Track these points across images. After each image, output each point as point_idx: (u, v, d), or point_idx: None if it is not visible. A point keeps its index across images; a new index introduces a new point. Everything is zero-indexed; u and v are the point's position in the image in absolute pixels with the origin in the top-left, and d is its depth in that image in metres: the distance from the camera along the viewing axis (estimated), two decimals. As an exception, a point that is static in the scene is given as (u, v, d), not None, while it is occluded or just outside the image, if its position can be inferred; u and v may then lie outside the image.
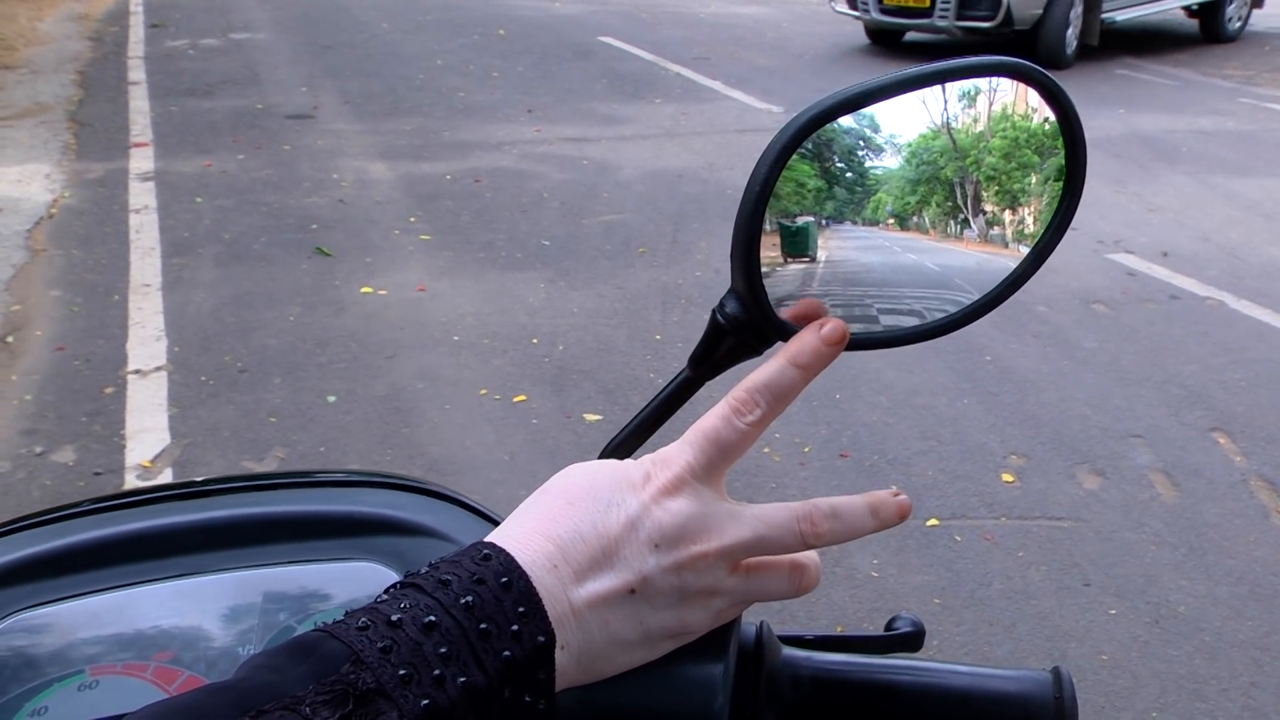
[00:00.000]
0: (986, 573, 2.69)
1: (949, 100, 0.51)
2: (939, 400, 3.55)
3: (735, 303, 0.52)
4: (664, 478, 0.47)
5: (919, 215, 0.54)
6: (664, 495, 0.46)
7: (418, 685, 0.38)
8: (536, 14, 11.37)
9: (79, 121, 6.76)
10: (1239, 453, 3.28)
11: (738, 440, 0.48)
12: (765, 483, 3.04)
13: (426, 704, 0.38)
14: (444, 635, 0.40)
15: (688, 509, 0.46)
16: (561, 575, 0.44)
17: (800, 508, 0.48)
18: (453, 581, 0.41)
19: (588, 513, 0.46)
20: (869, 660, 0.55)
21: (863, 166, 0.52)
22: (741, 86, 8.28)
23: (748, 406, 0.48)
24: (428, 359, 3.75)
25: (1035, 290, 4.48)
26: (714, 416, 0.48)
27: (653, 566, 0.45)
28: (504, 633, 0.41)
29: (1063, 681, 0.53)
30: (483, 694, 0.40)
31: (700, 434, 0.48)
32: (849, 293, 0.52)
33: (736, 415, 0.48)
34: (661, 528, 0.46)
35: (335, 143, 6.41)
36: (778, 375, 0.49)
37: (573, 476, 0.48)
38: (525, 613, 0.42)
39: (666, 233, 5.07)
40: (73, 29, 9.97)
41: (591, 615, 0.44)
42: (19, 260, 4.53)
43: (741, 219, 0.49)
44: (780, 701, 0.53)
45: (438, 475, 2.99)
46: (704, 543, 0.46)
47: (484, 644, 0.40)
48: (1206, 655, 2.43)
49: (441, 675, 0.39)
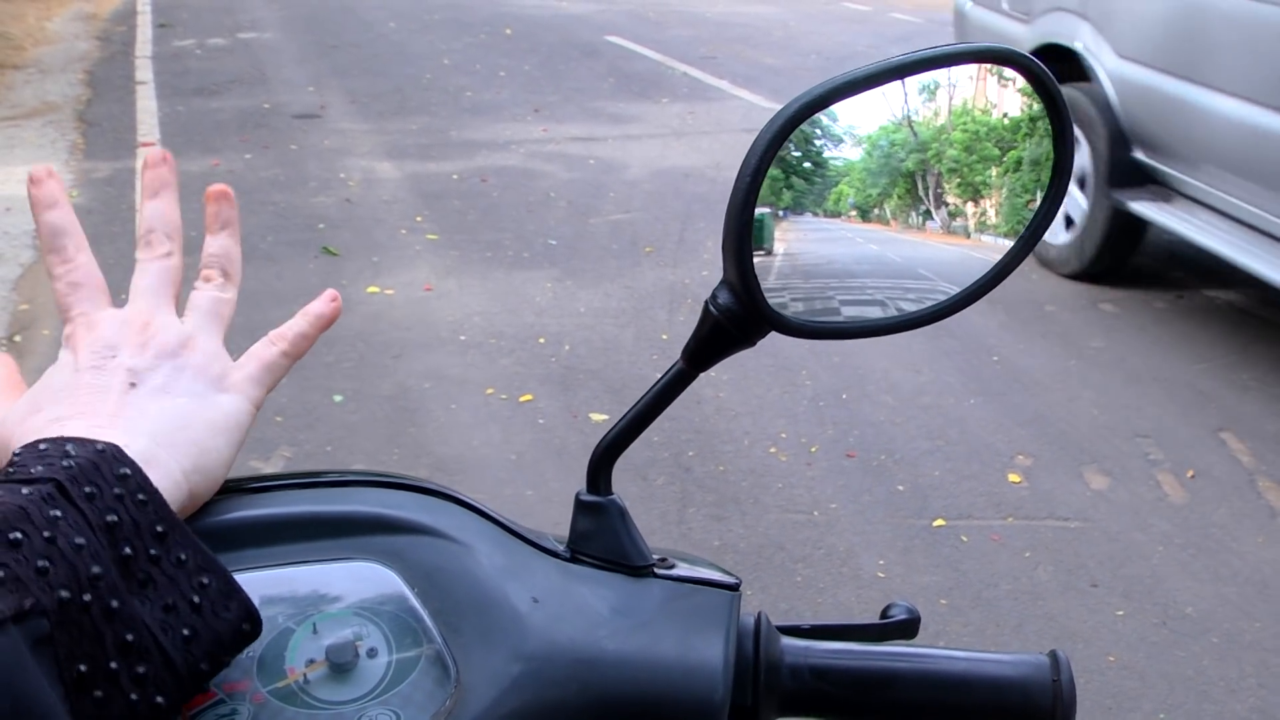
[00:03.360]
0: (993, 573, 2.69)
1: (909, 93, 0.51)
2: (946, 400, 3.54)
3: (728, 294, 0.52)
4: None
5: (881, 207, 0.54)
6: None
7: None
8: (543, 13, 11.37)
9: (86, 121, 6.78)
10: (1247, 453, 3.27)
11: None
12: (772, 483, 3.04)
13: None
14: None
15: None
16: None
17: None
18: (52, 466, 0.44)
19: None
20: (867, 648, 0.56)
21: (820, 156, 0.52)
22: (749, 86, 8.27)
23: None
24: (434, 358, 3.76)
25: (1042, 289, 4.47)
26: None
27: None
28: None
29: (1060, 664, 0.53)
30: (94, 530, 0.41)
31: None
32: (809, 285, 0.52)
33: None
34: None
35: (342, 142, 6.42)
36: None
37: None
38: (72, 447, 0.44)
39: (673, 232, 5.06)
40: (81, 28, 10.00)
41: (127, 416, 0.48)
42: (27, 259, 4.54)
43: (733, 210, 0.49)
44: (780, 691, 0.54)
45: (444, 475, 2.99)
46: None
47: (89, 505, 0.42)
48: (1215, 656, 2.43)
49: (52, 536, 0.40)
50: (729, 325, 0.52)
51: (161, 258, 0.55)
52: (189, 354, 0.52)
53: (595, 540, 0.55)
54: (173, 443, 0.48)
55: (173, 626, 0.42)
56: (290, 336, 0.56)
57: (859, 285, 0.55)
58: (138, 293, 0.53)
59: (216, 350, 0.53)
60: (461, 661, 0.49)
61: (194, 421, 0.49)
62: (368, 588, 0.49)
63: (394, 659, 0.48)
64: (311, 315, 0.57)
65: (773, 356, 3.72)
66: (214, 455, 0.49)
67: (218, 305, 0.55)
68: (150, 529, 0.43)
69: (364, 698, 0.47)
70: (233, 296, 0.56)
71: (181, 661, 0.42)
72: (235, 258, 0.57)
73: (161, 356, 0.51)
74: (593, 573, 0.54)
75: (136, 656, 0.41)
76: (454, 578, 0.50)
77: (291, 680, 0.47)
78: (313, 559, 0.49)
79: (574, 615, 0.52)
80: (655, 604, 0.53)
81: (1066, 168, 0.53)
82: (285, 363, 0.55)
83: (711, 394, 3.49)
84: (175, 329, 0.52)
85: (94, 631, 0.40)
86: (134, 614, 0.41)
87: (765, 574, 2.66)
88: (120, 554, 0.42)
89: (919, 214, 0.55)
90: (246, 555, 0.49)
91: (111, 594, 0.41)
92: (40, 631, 0.38)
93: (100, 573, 0.40)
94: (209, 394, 0.51)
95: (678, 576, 0.55)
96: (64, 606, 0.39)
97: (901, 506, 2.95)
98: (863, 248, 0.55)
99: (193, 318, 0.54)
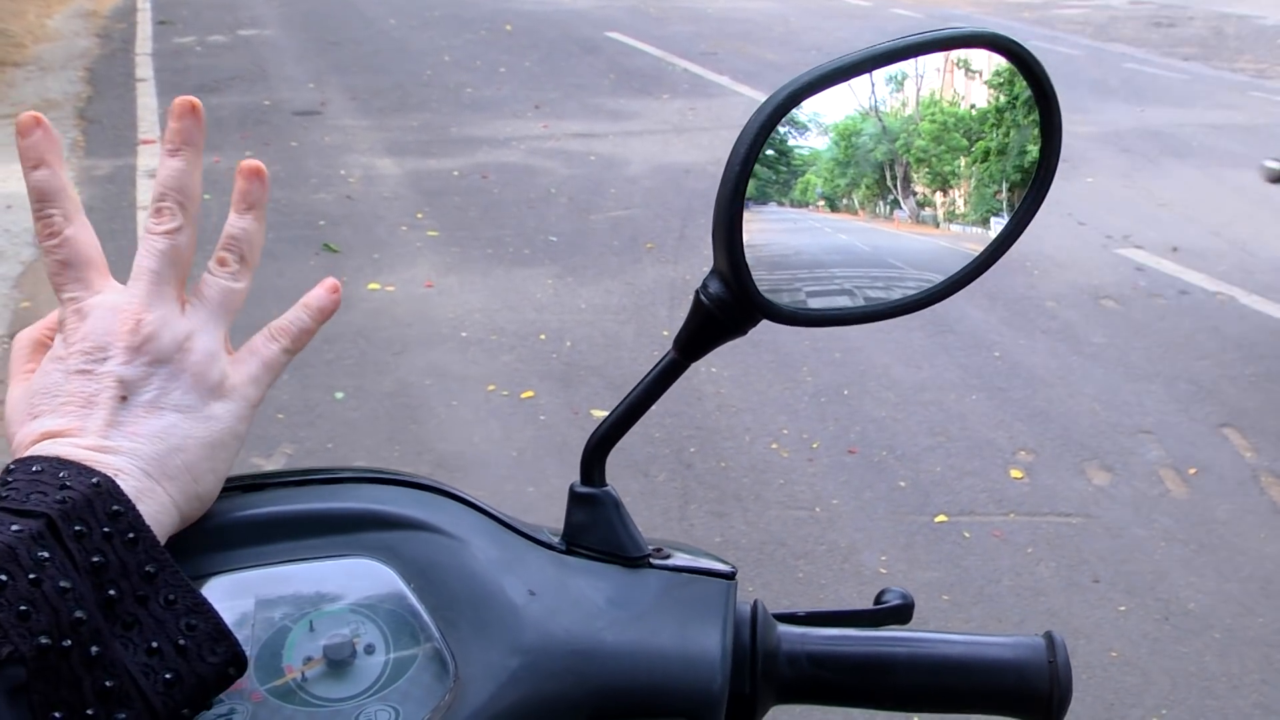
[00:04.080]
0: (995, 569, 2.69)
1: (876, 84, 0.51)
2: (947, 396, 3.54)
3: (718, 283, 0.52)
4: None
5: (849, 197, 0.54)
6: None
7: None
8: (544, 9, 11.37)
9: (87, 118, 6.78)
10: (1250, 448, 3.27)
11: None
12: (773, 479, 3.04)
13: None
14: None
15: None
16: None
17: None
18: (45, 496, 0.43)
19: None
20: (863, 634, 0.56)
21: (785, 144, 0.51)
22: (749, 81, 8.26)
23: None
24: (435, 355, 3.75)
25: (1044, 285, 4.46)
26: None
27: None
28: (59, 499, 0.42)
29: (1055, 645, 0.53)
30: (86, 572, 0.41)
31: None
32: (775, 276, 0.52)
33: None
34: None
35: (343, 139, 6.42)
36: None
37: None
38: (65, 476, 0.43)
39: (674, 228, 5.06)
40: (81, 26, 10.00)
41: (120, 437, 0.46)
42: (28, 257, 4.54)
43: (722, 199, 0.49)
44: (778, 678, 0.54)
45: (445, 472, 2.99)
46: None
47: (77, 545, 0.41)
48: (1217, 652, 2.42)
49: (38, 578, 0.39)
50: (720, 314, 0.52)
51: (170, 233, 0.50)
52: (184, 357, 0.48)
53: (591, 532, 0.55)
54: (165, 472, 0.46)
55: (155, 670, 0.42)
56: (291, 331, 0.53)
57: (826, 275, 0.55)
58: (139, 273, 0.49)
59: (215, 351, 0.50)
60: (459, 656, 0.48)
61: (187, 444, 0.47)
62: (364, 584, 0.49)
63: (391, 655, 0.48)
64: (312, 307, 0.54)
65: (774, 352, 3.72)
66: (209, 478, 0.48)
67: (226, 296, 0.51)
68: (139, 569, 0.42)
69: (362, 694, 0.47)
70: (245, 286, 0.52)
71: (162, 706, 0.42)
72: (257, 243, 0.53)
73: (155, 363, 0.48)
74: (589, 564, 0.54)
75: (116, 703, 0.40)
76: (450, 572, 0.50)
77: (289, 678, 0.47)
78: (308, 556, 0.49)
79: (571, 607, 0.51)
80: (652, 594, 0.53)
81: (1054, 152, 0.53)
82: (285, 359, 0.53)
83: (713, 390, 3.49)
84: (172, 327, 0.49)
85: (72, 677, 0.39)
86: (115, 659, 0.40)
87: (766, 570, 2.66)
88: (105, 596, 0.41)
89: (887, 204, 0.55)
90: (242, 554, 0.49)
91: (93, 639, 0.40)
92: (16, 680, 0.37)
93: (83, 617, 0.40)
94: (204, 405, 0.49)
95: (674, 566, 0.55)
96: (42, 653, 0.38)
97: (903, 502, 2.95)
98: (832, 237, 0.55)
99: (196, 309, 0.50)
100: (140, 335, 0.48)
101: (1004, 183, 0.55)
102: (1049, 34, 10.84)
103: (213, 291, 0.51)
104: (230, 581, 0.45)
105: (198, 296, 0.51)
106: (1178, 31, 11.35)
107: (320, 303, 0.55)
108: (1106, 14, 12.46)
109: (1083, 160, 6.24)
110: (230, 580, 0.45)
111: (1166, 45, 10.50)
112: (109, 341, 0.48)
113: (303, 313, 0.54)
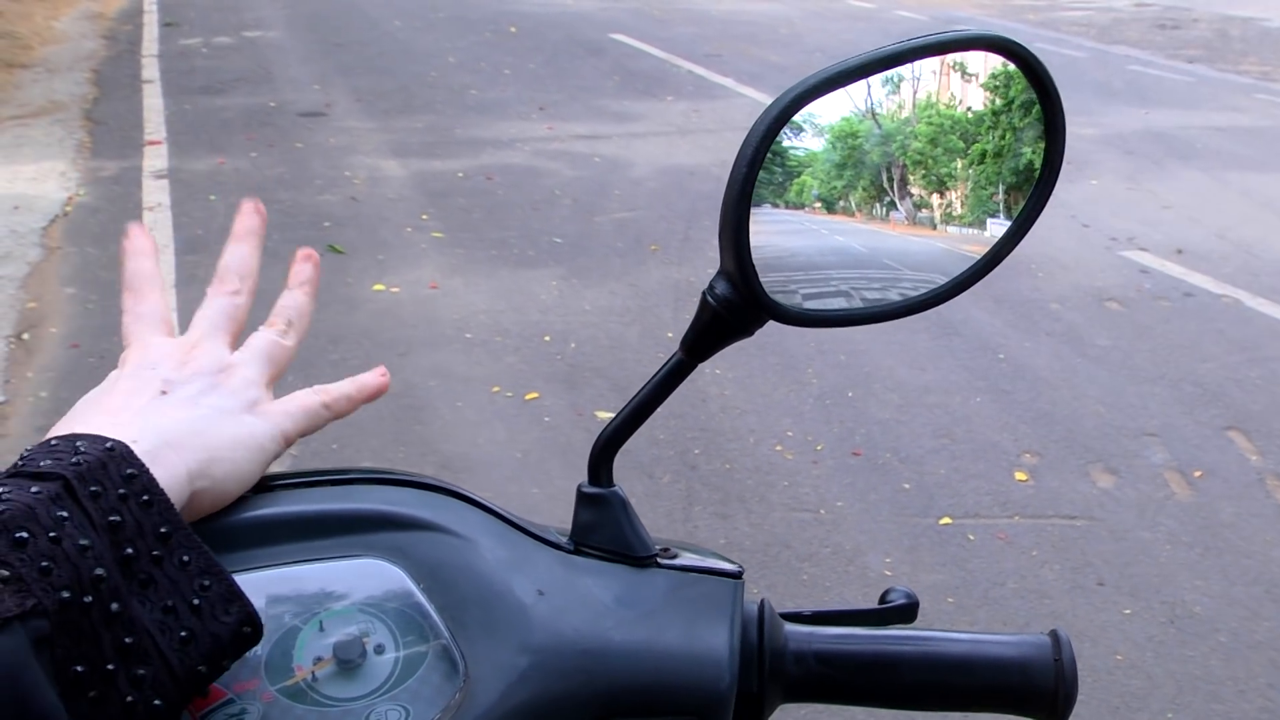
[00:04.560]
0: (1000, 572, 2.68)
1: (872, 86, 0.52)
2: (952, 398, 3.54)
3: (725, 284, 0.52)
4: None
5: (845, 199, 0.55)
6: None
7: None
8: (548, 11, 11.38)
9: (93, 120, 6.80)
10: (1255, 451, 3.26)
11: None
12: (778, 481, 3.04)
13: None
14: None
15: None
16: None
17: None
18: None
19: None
20: (869, 632, 0.56)
21: (780, 145, 0.51)
22: (754, 84, 8.26)
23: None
24: (440, 356, 3.76)
25: (1049, 288, 4.46)
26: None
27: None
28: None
29: (1061, 643, 0.54)
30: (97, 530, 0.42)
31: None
32: (769, 278, 0.52)
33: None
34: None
35: (348, 140, 6.43)
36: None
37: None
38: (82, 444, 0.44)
39: (679, 230, 5.06)
40: (88, 27, 10.02)
41: (146, 416, 0.49)
42: (34, 258, 4.55)
43: (729, 201, 0.49)
44: (785, 677, 0.54)
45: (450, 473, 3.00)
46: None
47: (94, 504, 0.42)
48: (1223, 656, 2.42)
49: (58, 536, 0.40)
50: (727, 315, 0.52)
51: (229, 294, 0.57)
52: (226, 377, 0.53)
53: (598, 532, 0.55)
54: (182, 444, 0.48)
55: (171, 628, 0.43)
56: (335, 394, 0.57)
57: (824, 277, 0.55)
58: (197, 321, 0.56)
59: (255, 379, 0.54)
60: (469, 655, 0.49)
61: (211, 430, 0.50)
62: (373, 584, 0.49)
63: (401, 655, 0.48)
64: (360, 383, 0.58)
65: (778, 355, 3.72)
66: (226, 465, 0.49)
67: (273, 348, 0.56)
68: (154, 530, 0.43)
69: (372, 694, 0.47)
70: (292, 345, 0.57)
71: (178, 663, 0.42)
72: (305, 314, 0.59)
73: (199, 374, 0.52)
74: (596, 564, 0.54)
75: (135, 659, 0.41)
76: (459, 572, 0.50)
77: (299, 678, 0.47)
78: (317, 557, 0.49)
79: (579, 607, 0.52)
80: (659, 594, 0.53)
81: (1058, 155, 0.53)
82: (325, 414, 0.56)
83: (717, 392, 3.49)
84: (219, 354, 0.54)
85: (93, 633, 0.40)
86: (134, 616, 0.41)
87: (771, 572, 2.66)
88: (122, 554, 0.42)
89: (884, 205, 0.55)
90: (252, 555, 0.49)
91: (113, 596, 0.41)
92: (40, 631, 0.38)
93: (103, 574, 0.40)
94: (237, 412, 0.52)
95: (681, 566, 0.55)
96: (65, 607, 0.39)
97: (908, 505, 2.95)
98: (829, 239, 0.55)
99: (244, 352, 0.55)
100: (192, 355, 0.53)
101: (1000, 185, 0.55)
102: (1053, 36, 10.84)
103: (260, 341, 0.56)
104: (240, 582, 0.45)
105: (246, 345, 0.56)
106: (1182, 34, 11.34)
107: (369, 382, 0.59)
108: (1110, 16, 12.45)
109: (1087, 162, 6.23)
110: (240, 580, 0.45)
111: (1171, 47, 10.49)
112: (162, 359, 0.53)
113: (349, 384, 0.58)
